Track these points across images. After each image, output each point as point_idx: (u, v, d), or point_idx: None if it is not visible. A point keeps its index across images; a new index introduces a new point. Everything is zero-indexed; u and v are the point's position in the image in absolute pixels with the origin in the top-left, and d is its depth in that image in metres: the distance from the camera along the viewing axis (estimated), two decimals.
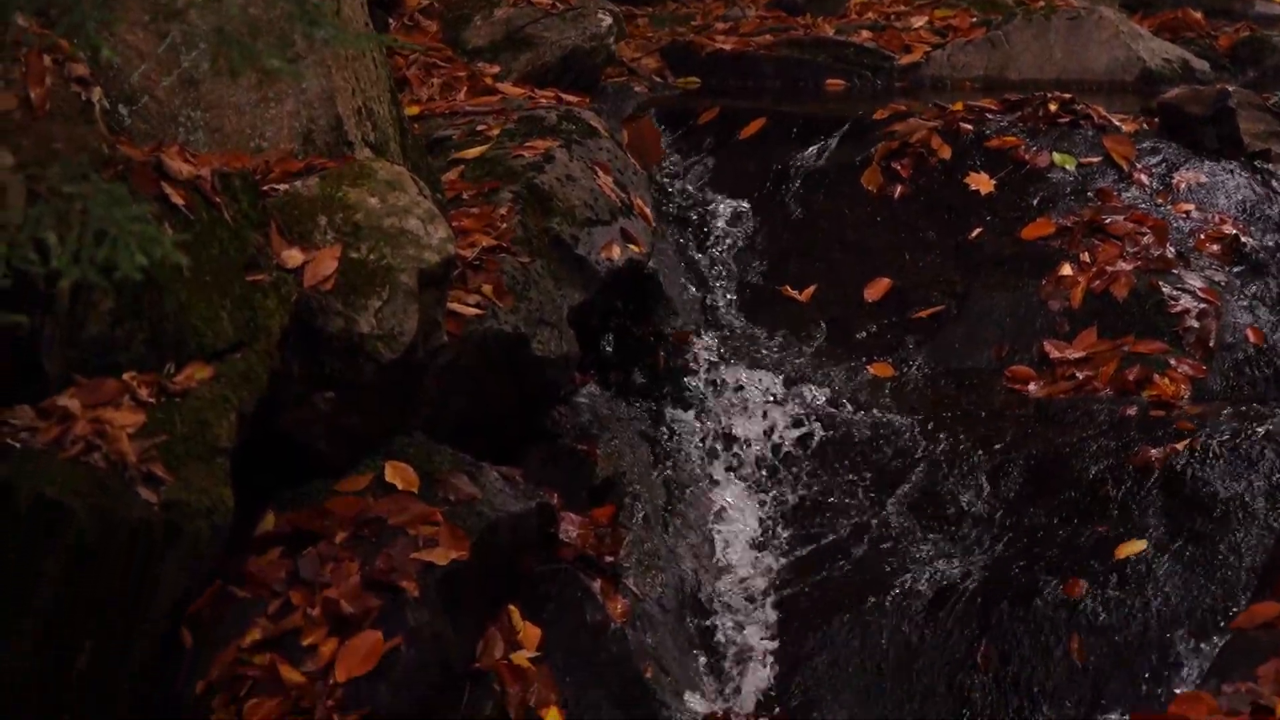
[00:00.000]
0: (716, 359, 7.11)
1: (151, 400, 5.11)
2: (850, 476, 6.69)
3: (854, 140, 8.24)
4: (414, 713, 5.31)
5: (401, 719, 5.27)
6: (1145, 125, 8.32)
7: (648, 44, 10.17)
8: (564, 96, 8.14)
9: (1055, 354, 7.08)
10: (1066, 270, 7.34)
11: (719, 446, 6.82)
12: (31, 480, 4.73)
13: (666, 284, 7.33)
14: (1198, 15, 10.68)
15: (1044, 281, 7.33)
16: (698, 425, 6.88)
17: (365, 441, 5.71)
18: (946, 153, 8.00)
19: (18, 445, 4.84)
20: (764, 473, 6.76)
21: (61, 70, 5.19)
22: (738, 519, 6.62)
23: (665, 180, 8.25)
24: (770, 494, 6.69)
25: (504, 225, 6.64)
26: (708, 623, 6.22)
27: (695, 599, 6.25)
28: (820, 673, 6.01)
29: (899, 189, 7.94)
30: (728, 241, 7.96)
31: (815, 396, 6.97)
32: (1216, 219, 7.71)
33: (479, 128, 7.42)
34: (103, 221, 3.59)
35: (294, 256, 5.57)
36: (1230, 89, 8.35)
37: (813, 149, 8.26)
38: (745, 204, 8.11)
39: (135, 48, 5.75)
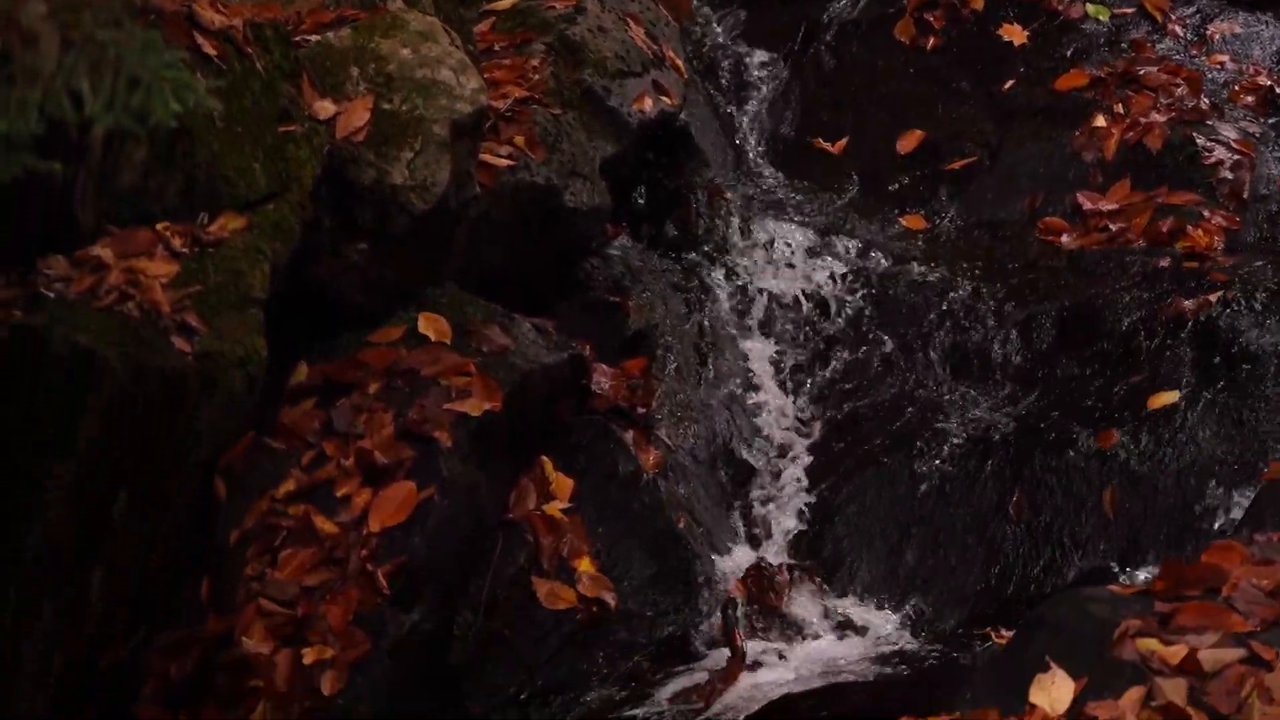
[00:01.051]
0: (749, 211, 7.08)
1: (185, 250, 5.11)
2: (882, 329, 6.68)
3: None
4: (447, 563, 5.35)
5: (435, 569, 5.30)
6: None
7: None
8: None
9: (1088, 205, 7.05)
10: (1100, 121, 7.29)
11: (751, 299, 6.81)
12: (66, 330, 4.74)
13: (698, 136, 7.28)
14: None
15: (1077, 133, 7.28)
16: (730, 277, 6.86)
17: (398, 293, 5.71)
18: (979, 3, 7.92)
19: (51, 295, 4.85)
20: (796, 325, 6.75)
21: None
22: (770, 371, 6.62)
23: (697, 32, 8.18)
24: (802, 346, 6.69)
25: (536, 77, 6.61)
26: (740, 474, 6.23)
27: (727, 450, 6.26)
28: (851, 523, 6.04)
29: (931, 40, 7.87)
30: (760, 94, 7.91)
31: (848, 248, 6.95)
32: (1251, 70, 7.64)
33: None
34: (136, 69, 3.57)
35: (326, 107, 5.55)
36: None
37: (845, 1, 8.18)
38: (777, 56, 8.05)
39: None
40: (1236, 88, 7.56)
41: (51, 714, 4.93)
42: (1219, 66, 7.66)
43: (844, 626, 5.77)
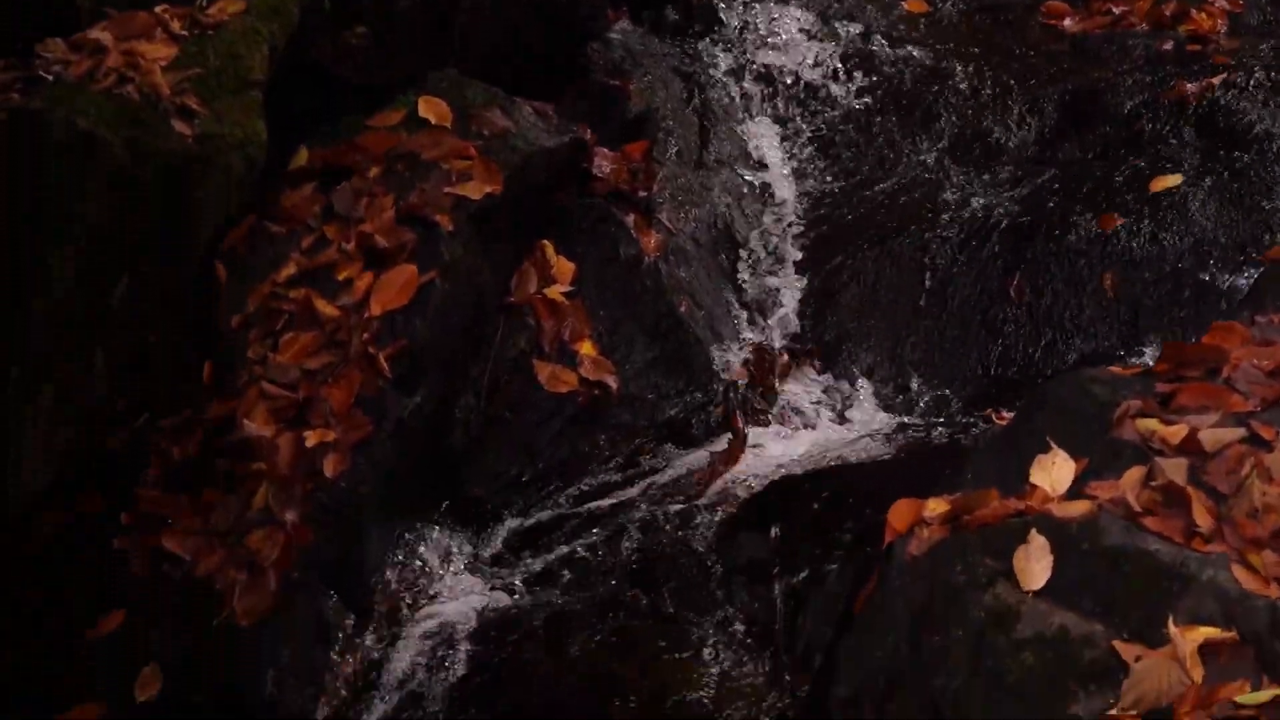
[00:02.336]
0: None
1: (184, 33, 5.07)
2: (884, 113, 6.64)
3: None
4: (449, 346, 5.36)
5: (436, 352, 5.32)
6: None
7: None
8: None
9: None
10: None
11: (752, 82, 6.76)
12: (65, 112, 4.71)
13: None
14: None
15: None
16: (731, 61, 6.81)
17: (398, 77, 5.66)
18: None
19: (50, 78, 4.81)
20: (798, 108, 6.71)
21: None
22: (771, 155, 6.59)
23: None
24: (804, 130, 6.66)
25: None
26: (741, 257, 6.22)
27: (728, 234, 6.25)
28: (852, 306, 6.04)
29: None
30: None
31: (849, 32, 6.89)
32: None
33: None
34: None
35: None
36: None
37: None
38: None
39: None
40: None
41: (56, 493, 4.97)
42: None
43: (844, 409, 5.80)
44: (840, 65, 6.78)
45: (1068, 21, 6.90)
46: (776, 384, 5.79)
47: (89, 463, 5.08)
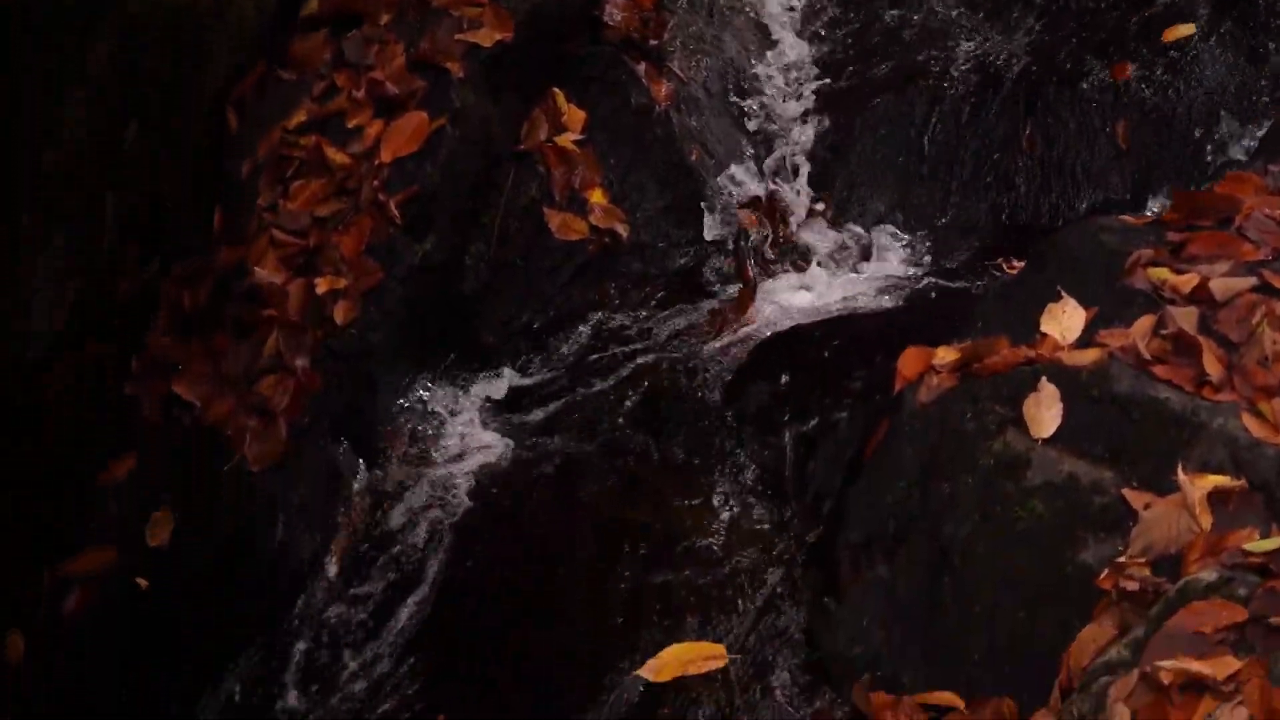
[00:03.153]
0: None
1: None
2: None
3: None
4: (459, 193, 5.35)
5: (447, 199, 5.31)
6: None
7: None
8: None
9: None
10: None
11: None
12: None
13: None
14: None
15: None
16: None
17: None
18: None
19: None
20: None
21: None
22: (783, 4, 6.54)
23: None
24: None
25: None
26: (752, 107, 6.19)
27: (740, 84, 6.21)
28: (863, 155, 6.02)
29: None
30: None
31: None
32: None
33: None
34: None
35: None
36: None
37: None
38: None
39: None
40: None
41: (67, 341, 4.99)
42: None
43: (855, 258, 5.79)
44: None
45: None
46: (787, 234, 5.78)
47: (99, 310, 5.09)
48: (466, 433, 5.30)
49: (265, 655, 5.03)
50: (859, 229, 5.87)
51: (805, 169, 6.03)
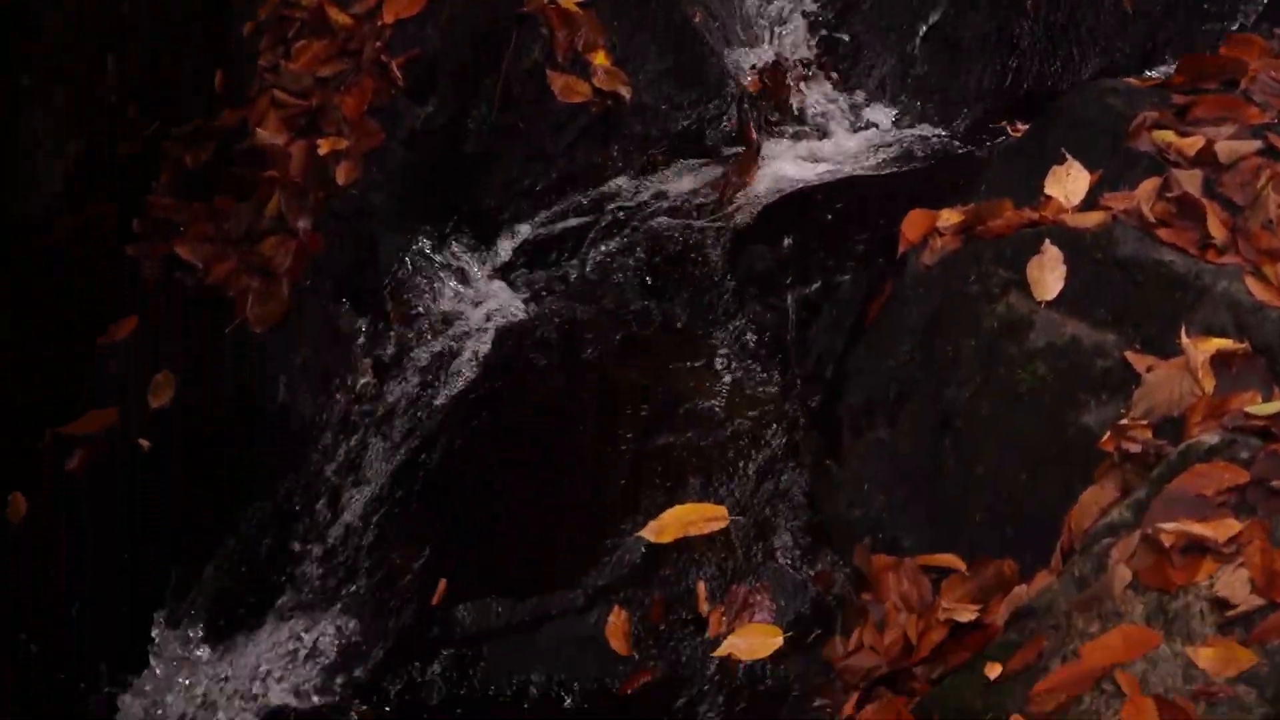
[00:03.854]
0: None
1: None
2: None
3: None
4: (461, 55, 5.32)
5: (449, 61, 5.28)
6: None
7: None
8: None
9: None
10: None
11: None
12: None
13: None
14: None
15: None
16: None
17: None
18: None
19: None
20: None
21: None
22: None
23: None
24: None
25: None
26: None
27: None
28: (868, 19, 5.97)
29: None
30: None
31: None
32: None
33: None
34: None
35: None
36: None
37: None
38: None
39: None
40: None
41: (68, 200, 4.97)
42: None
43: (859, 122, 5.78)
44: None
45: None
46: (791, 96, 5.75)
47: (101, 170, 5.07)
48: (468, 294, 5.30)
49: (267, 516, 5.05)
50: (863, 93, 5.84)
51: (809, 31, 5.99)
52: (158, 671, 4.96)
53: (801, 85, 5.79)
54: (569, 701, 4.47)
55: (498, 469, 4.94)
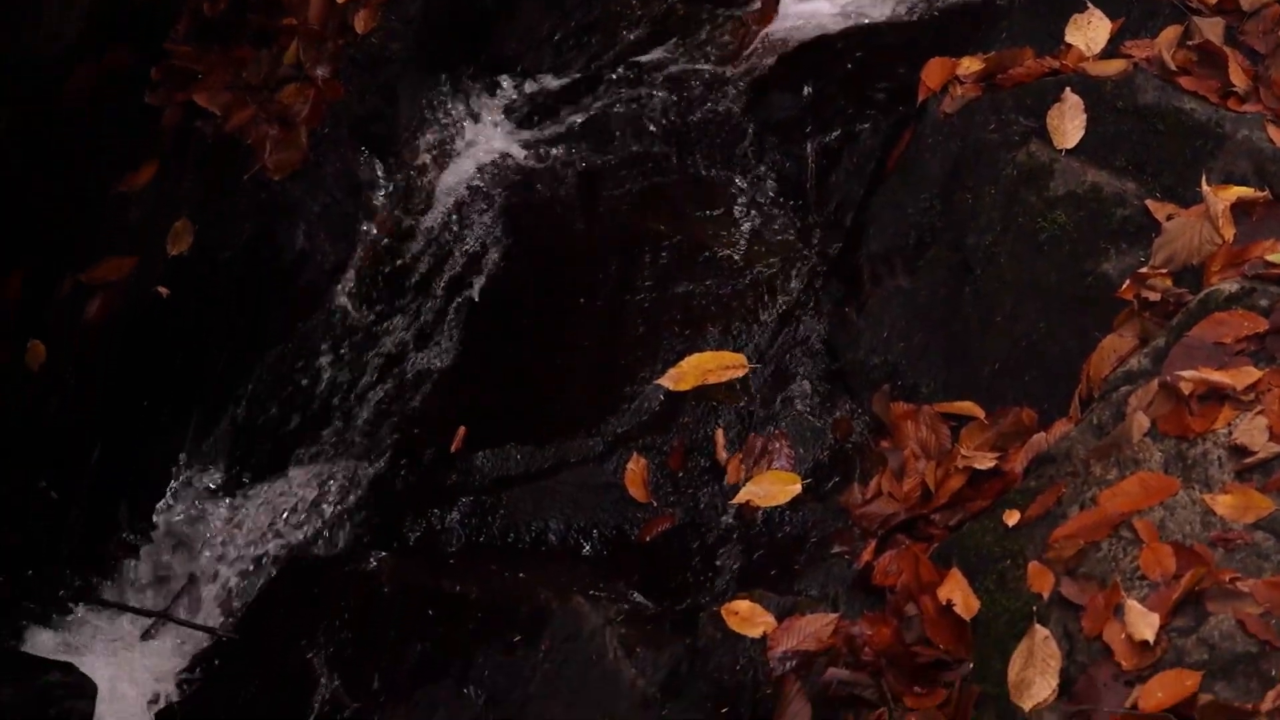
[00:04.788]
0: None
1: None
2: None
3: None
4: None
5: None
6: None
7: None
8: None
9: None
10: None
11: None
12: None
13: None
14: None
15: None
16: None
17: None
18: None
19: None
20: None
21: None
22: None
23: None
24: None
25: None
26: None
27: None
28: None
29: None
30: None
31: None
32: None
33: None
34: None
35: None
36: None
37: None
38: None
39: None
40: None
41: (86, 47, 4.95)
42: None
43: None
44: None
45: None
46: None
47: (118, 16, 5.04)
48: (488, 143, 5.29)
49: (286, 362, 5.07)
50: None
51: None
52: (178, 515, 4.99)
53: None
54: (588, 548, 4.51)
55: (516, 316, 4.96)
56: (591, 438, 4.62)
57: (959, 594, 3.55)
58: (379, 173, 5.18)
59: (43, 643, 4.81)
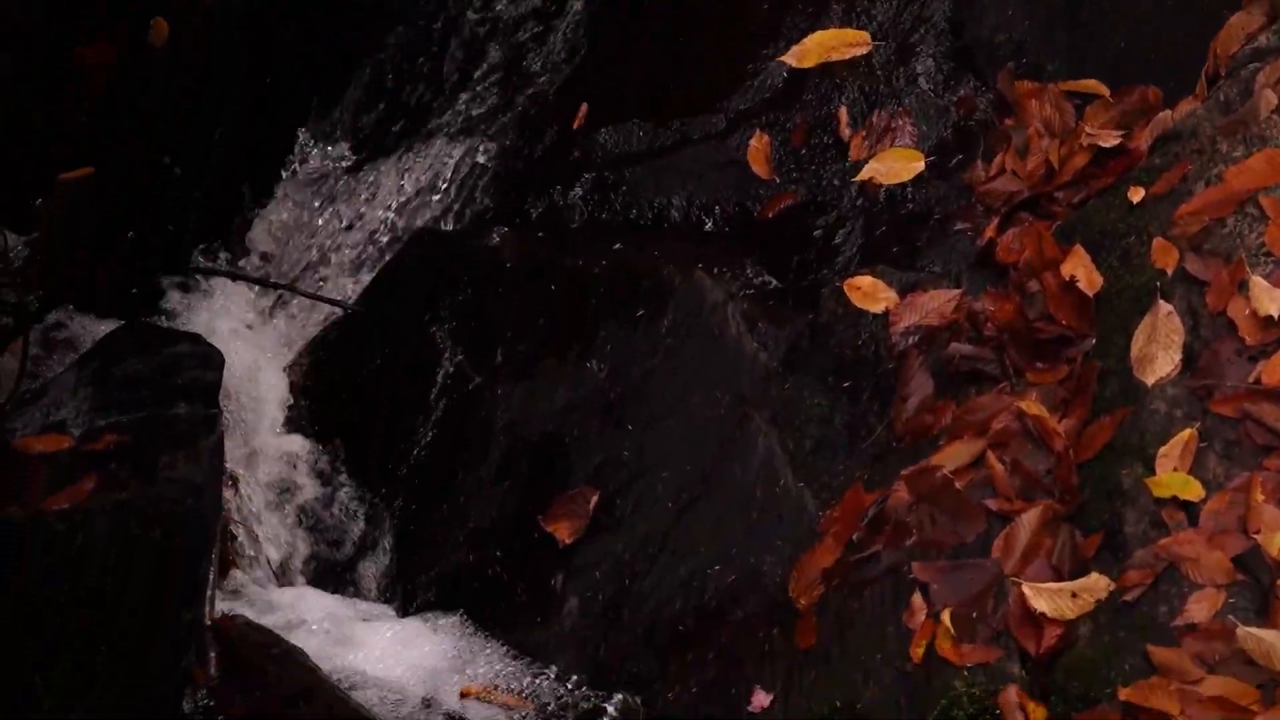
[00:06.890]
0: None
1: None
2: None
3: None
4: None
5: None
6: None
7: None
8: None
9: None
10: None
11: None
12: None
13: None
14: None
15: None
16: None
17: None
18: None
19: None
20: None
21: None
22: None
23: None
24: None
25: None
26: None
27: None
28: None
29: None
30: None
31: None
32: None
33: None
34: None
35: None
36: None
37: None
38: None
39: None
40: None
41: None
42: None
43: None
44: None
45: None
46: None
47: None
48: None
49: (411, 42, 5.09)
50: None
51: None
52: (300, 191, 5.04)
53: None
54: (710, 224, 4.54)
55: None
56: (714, 115, 4.62)
57: (1082, 270, 3.58)
58: None
59: (171, 313, 4.88)
